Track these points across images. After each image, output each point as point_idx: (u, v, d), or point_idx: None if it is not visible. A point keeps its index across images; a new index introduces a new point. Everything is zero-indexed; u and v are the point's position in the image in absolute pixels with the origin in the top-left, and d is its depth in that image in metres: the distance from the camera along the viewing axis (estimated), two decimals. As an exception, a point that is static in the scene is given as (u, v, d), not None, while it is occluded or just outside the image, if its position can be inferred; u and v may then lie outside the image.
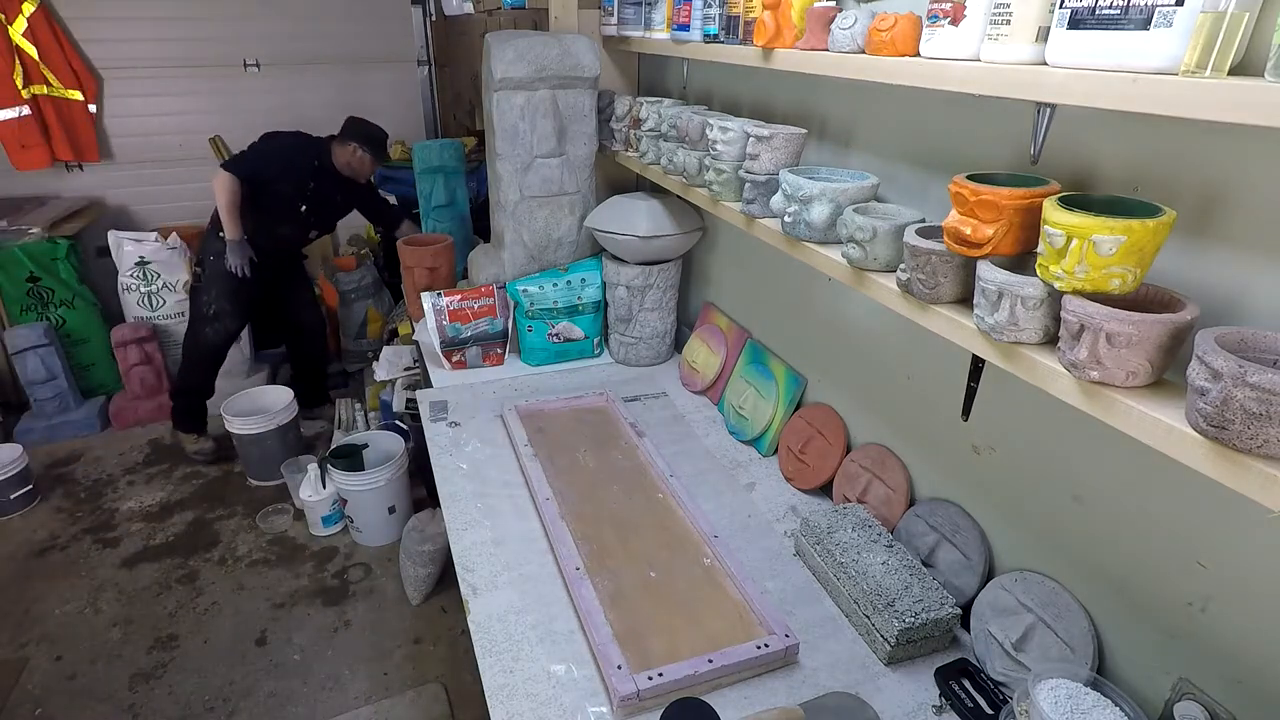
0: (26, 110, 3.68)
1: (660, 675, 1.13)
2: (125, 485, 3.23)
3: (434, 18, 4.51)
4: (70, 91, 3.82)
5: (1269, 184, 0.79)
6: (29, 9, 3.58)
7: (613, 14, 2.03)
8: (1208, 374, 0.68)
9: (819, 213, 1.20)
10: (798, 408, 1.79)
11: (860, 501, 1.53)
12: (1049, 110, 0.91)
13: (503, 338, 2.21)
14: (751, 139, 1.37)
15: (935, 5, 0.94)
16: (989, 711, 1.12)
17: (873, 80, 1.07)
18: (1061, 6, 0.78)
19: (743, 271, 2.04)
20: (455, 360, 2.18)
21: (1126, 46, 0.72)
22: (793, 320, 1.82)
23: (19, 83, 3.63)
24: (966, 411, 1.20)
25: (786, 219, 1.28)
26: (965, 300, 1.00)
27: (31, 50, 3.63)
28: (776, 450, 1.79)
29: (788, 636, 1.21)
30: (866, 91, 1.37)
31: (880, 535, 1.38)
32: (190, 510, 3.06)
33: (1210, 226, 0.85)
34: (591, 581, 1.33)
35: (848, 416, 1.65)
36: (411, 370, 3.10)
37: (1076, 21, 0.77)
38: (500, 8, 2.83)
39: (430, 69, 4.69)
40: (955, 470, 1.37)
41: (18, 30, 3.58)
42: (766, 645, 1.19)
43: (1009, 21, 0.85)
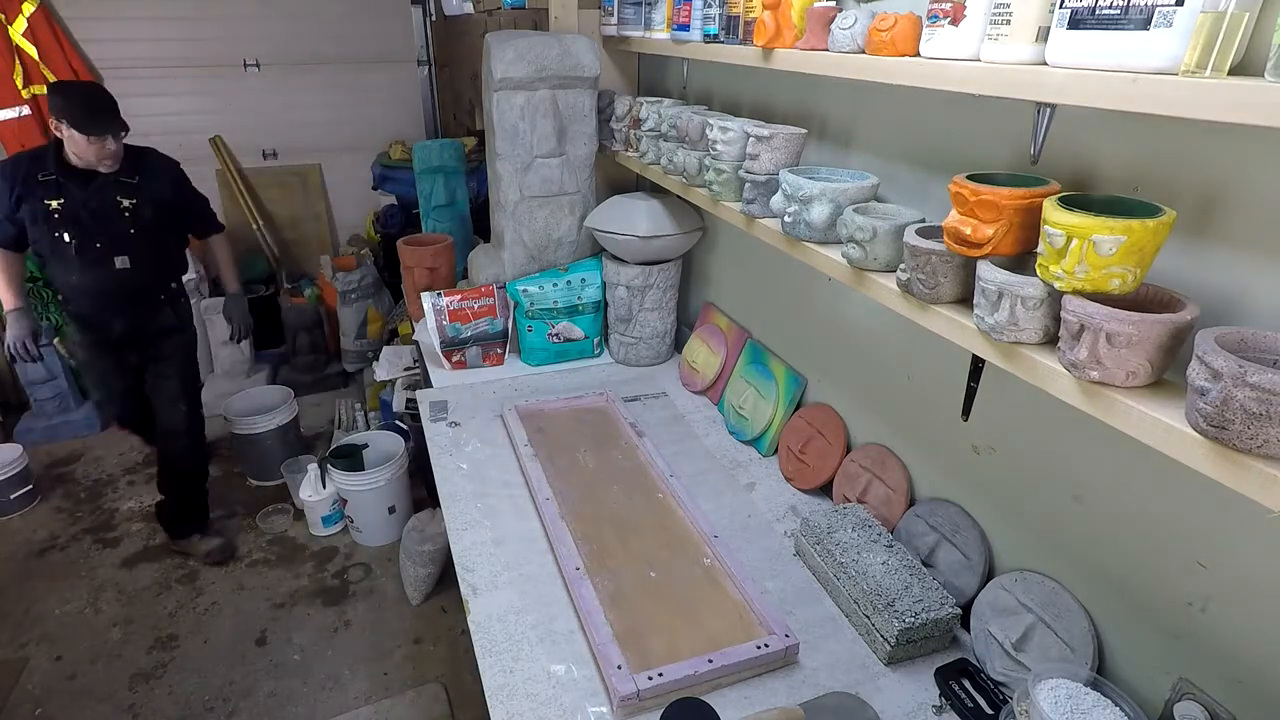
0: (26, 110, 3.68)
1: (660, 675, 1.13)
2: (125, 485, 3.24)
3: (434, 18, 4.50)
4: (70, 92, 3.82)
5: (1269, 184, 0.79)
6: (29, 9, 3.58)
7: (613, 14, 2.03)
8: (1208, 374, 0.68)
9: (819, 213, 1.20)
10: (798, 408, 1.79)
11: (860, 501, 1.53)
12: (1049, 110, 0.91)
13: (503, 338, 2.21)
14: (751, 139, 1.37)
15: (935, 5, 0.94)
16: (989, 711, 1.12)
17: (873, 80, 1.07)
18: (1061, 6, 0.78)
19: (743, 271, 2.04)
20: (455, 360, 2.18)
21: (1126, 46, 0.72)
22: (793, 320, 1.82)
23: (19, 83, 3.63)
24: (966, 411, 1.20)
25: (786, 219, 1.28)
26: (965, 300, 1.00)
27: (31, 50, 3.63)
28: (776, 450, 1.79)
29: (788, 636, 1.21)
30: (866, 91, 1.37)
31: (880, 535, 1.38)
32: (190, 510, 3.06)
33: (1210, 226, 0.85)
34: (591, 581, 1.33)
35: (848, 416, 1.65)
36: (411, 370, 3.11)
37: (1076, 21, 0.77)
38: (500, 8, 2.83)
39: (430, 69, 4.69)
40: (955, 470, 1.37)
41: (18, 30, 3.58)
42: (766, 645, 1.19)
43: (1009, 21, 0.85)
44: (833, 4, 1.21)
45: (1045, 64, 0.82)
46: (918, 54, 1.01)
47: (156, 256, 2.47)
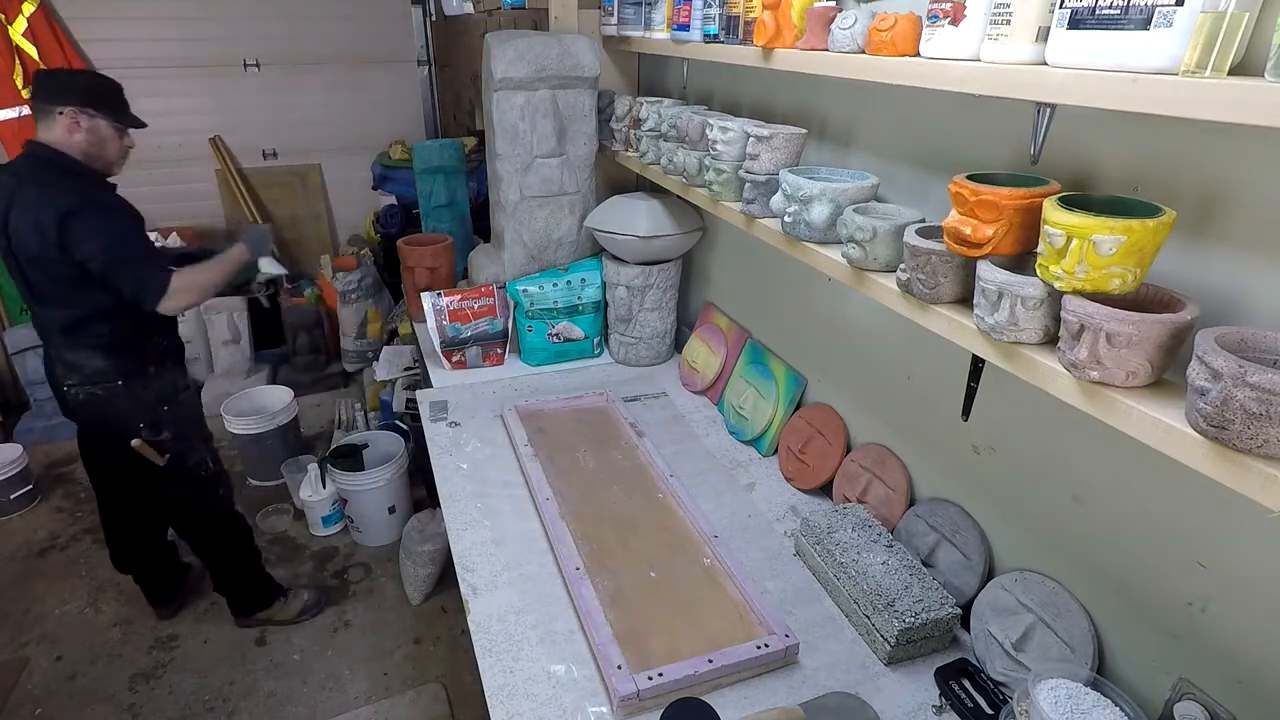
0: (26, 110, 3.67)
1: (660, 675, 1.13)
2: (125, 485, 3.23)
3: (434, 18, 4.50)
4: (70, 92, 3.82)
5: (1269, 184, 0.79)
6: (29, 9, 3.58)
7: (613, 14, 2.03)
8: (1208, 374, 0.68)
9: (819, 213, 1.20)
10: (798, 408, 1.79)
11: (860, 501, 1.53)
12: (1049, 110, 0.91)
13: (503, 338, 2.21)
14: (751, 139, 1.37)
15: (935, 5, 0.94)
16: (989, 711, 1.12)
17: (873, 80, 1.07)
18: (1061, 6, 0.78)
19: (743, 271, 2.04)
20: (455, 360, 2.18)
21: (1126, 46, 0.72)
22: (793, 320, 1.82)
23: (19, 83, 3.63)
24: (966, 411, 1.20)
25: (786, 219, 1.28)
26: (965, 300, 1.00)
27: (31, 50, 3.63)
28: (776, 450, 1.79)
29: (788, 636, 1.21)
30: (866, 91, 1.37)
31: (880, 535, 1.38)
32: (190, 510, 3.06)
33: (1210, 226, 0.85)
34: (591, 581, 1.33)
35: (848, 416, 1.65)
36: (411, 370, 3.11)
37: (1076, 21, 0.77)
38: (500, 8, 2.83)
39: (430, 69, 4.69)
40: (955, 470, 1.37)
41: (18, 30, 3.58)
42: (766, 645, 1.19)
43: (1009, 21, 0.85)
44: (833, 4, 1.21)
45: (1045, 64, 0.82)
46: (918, 54, 1.01)
47: None
